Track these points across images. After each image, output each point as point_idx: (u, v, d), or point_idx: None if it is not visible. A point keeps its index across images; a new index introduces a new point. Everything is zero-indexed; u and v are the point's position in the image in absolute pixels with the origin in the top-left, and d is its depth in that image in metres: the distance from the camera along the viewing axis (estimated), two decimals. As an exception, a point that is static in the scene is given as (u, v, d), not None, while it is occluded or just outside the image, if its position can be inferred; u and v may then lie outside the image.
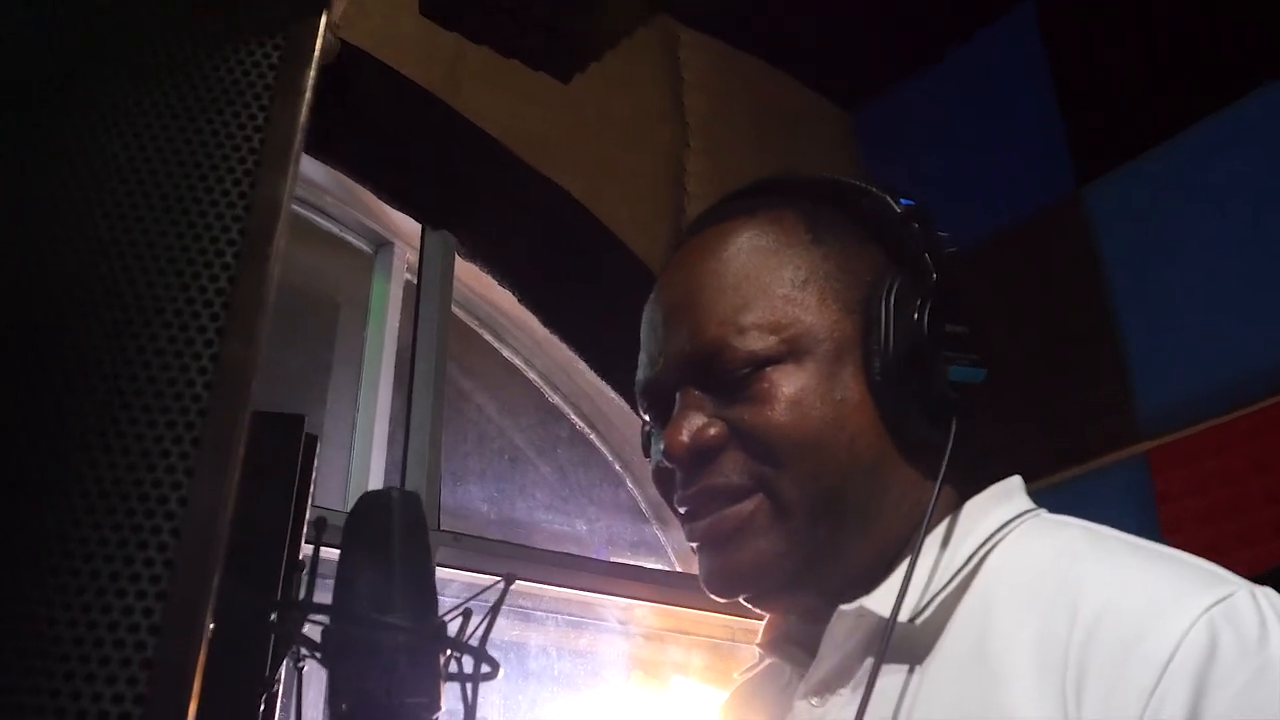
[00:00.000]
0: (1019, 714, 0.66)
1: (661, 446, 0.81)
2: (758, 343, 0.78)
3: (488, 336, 2.45)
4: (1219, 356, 2.15)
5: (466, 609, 0.67)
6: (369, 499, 0.64)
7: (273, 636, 0.62)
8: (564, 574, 2.20)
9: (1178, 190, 2.31)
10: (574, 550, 2.29)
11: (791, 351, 0.78)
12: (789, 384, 0.77)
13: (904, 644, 0.74)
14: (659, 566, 2.45)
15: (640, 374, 0.86)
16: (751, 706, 0.92)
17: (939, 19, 2.75)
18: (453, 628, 0.63)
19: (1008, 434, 2.00)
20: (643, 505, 2.50)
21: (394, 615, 0.59)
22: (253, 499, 0.85)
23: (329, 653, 0.59)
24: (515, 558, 2.11)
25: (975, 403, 0.78)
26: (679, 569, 2.46)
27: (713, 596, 0.82)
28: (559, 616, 2.28)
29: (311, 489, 0.93)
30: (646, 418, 0.87)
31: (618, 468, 2.51)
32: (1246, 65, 2.26)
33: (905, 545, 0.78)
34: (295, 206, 2.27)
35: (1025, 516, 0.79)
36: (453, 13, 2.18)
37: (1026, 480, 0.84)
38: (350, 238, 2.35)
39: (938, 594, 0.74)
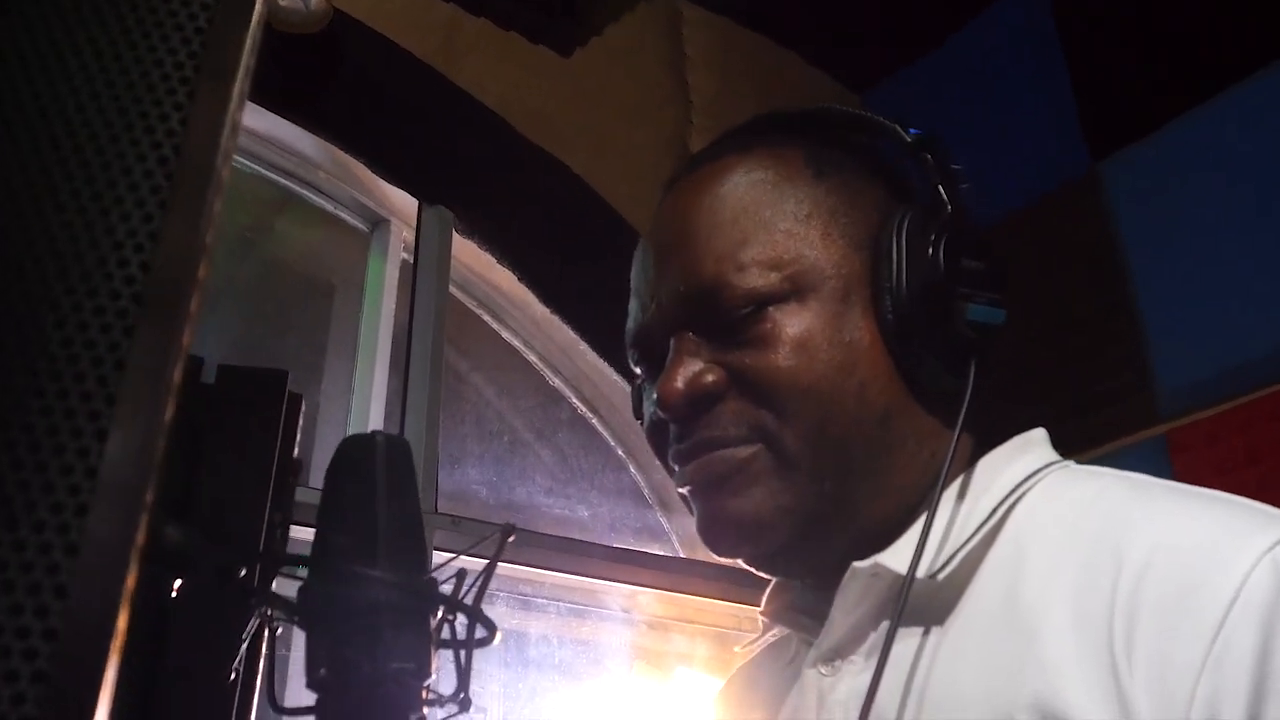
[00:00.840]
0: (1058, 672, 0.59)
1: (655, 397, 0.73)
2: (758, 280, 0.71)
3: (486, 318, 2.38)
4: (1239, 335, 2.09)
5: (461, 569, 0.60)
6: (351, 442, 0.57)
7: (246, 598, 0.56)
8: (565, 559, 2.13)
9: (1195, 166, 2.25)
10: (576, 536, 2.23)
11: (795, 289, 0.71)
12: (793, 324, 0.70)
13: (924, 603, 0.68)
14: (663, 553, 2.39)
15: (630, 322, 0.78)
16: (755, 686, 0.85)
17: (949, -5, 2.68)
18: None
19: (1024, 415, 1.94)
20: (646, 491, 2.44)
21: (378, 570, 0.53)
22: (231, 458, 0.79)
23: (305, 613, 0.53)
24: (516, 541, 2.03)
25: (994, 348, 0.71)
26: (683, 555, 2.40)
27: (711, 550, 0.74)
28: (560, 604, 2.22)
29: (296, 450, 0.86)
30: (637, 370, 0.80)
31: (620, 452, 2.44)
32: (1264, 38, 2.20)
33: (921, 500, 0.72)
34: (286, 182, 2.21)
35: (1053, 467, 0.73)
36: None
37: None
38: (345, 215, 2.29)
39: (960, 548, 0.67)
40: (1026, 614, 0.63)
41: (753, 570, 0.76)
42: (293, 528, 0.72)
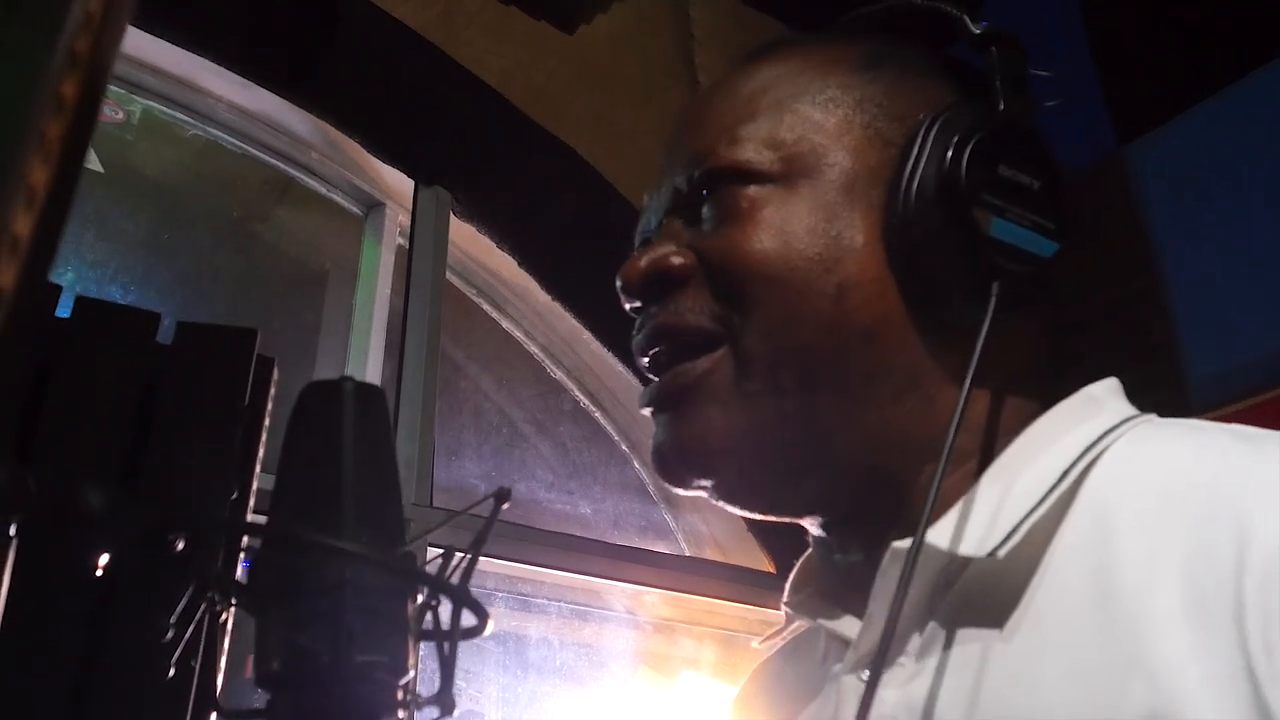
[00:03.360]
0: (1177, 679, 0.47)
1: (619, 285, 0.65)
2: (749, 154, 0.62)
3: (486, 306, 2.29)
4: (1274, 323, 2.00)
5: (448, 548, 0.50)
6: (313, 389, 0.47)
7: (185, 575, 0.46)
8: (566, 557, 2.03)
9: (1224, 150, 2.16)
10: (577, 532, 2.13)
11: (787, 173, 0.62)
12: (772, 207, 0.61)
13: (984, 589, 0.56)
14: (669, 551, 2.29)
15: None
16: (781, 691, 0.72)
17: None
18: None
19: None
20: (651, 486, 2.34)
21: (344, 540, 0.43)
22: (188, 422, 0.69)
23: (255, 593, 0.43)
24: (514, 538, 1.94)
25: (1038, 282, 0.60)
26: (690, 554, 2.30)
27: (665, 483, 0.65)
28: (561, 604, 2.11)
29: (267, 419, 0.77)
30: None
31: (624, 446, 2.35)
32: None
33: (926, 453, 0.60)
34: (278, 163, 2.11)
35: (1133, 421, 0.59)
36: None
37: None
38: (338, 198, 2.19)
39: (1025, 519, 0.55)
40: (1123, 602, 0.50)
41: (723, 506, 0.65)
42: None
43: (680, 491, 0.66)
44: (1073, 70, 2.42)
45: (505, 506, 0.47)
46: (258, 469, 0.69)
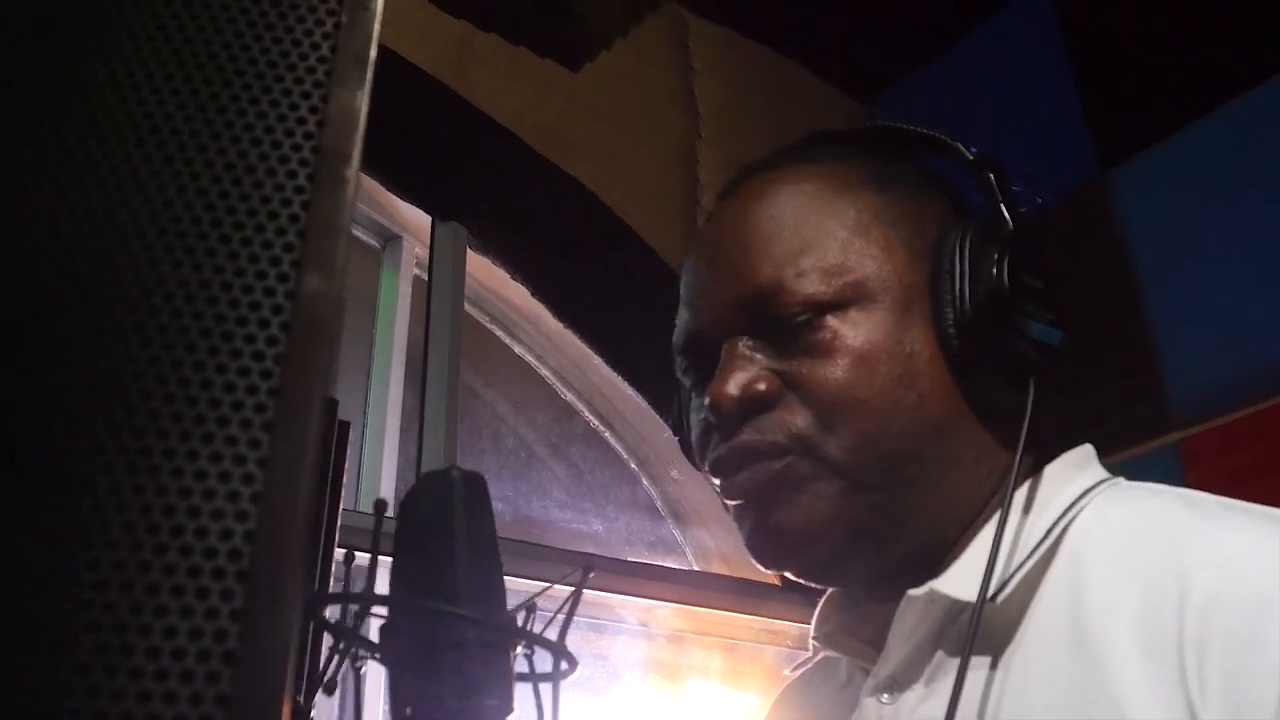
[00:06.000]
0: (1129, 702, 0.58)
1: (706, 401, 0.72)
2: (818, 286, 0.70)
3: (499, 333, 2.38)
4: (1250, 343, 2.10)
5: (531, 603, 0.60)
6: (428, 479, 0.57)
7: (325, 634, 0.56)
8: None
9: (1205, 174, 2.25)
10: (591, 550, 2.23)
11: (855, 298, 0.71)
12: (853, 334, 0.70)
13: (983, 627, 0.66)
14: (677, 566, 2.38)
15: (680, 329, 0.77)
16: (806, 706, 0.85)
17: (953, 5, 2.70)
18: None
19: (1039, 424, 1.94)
20: (660, 504, 2.44)
21: (461, 606, 0.53)
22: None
23: (389, 650, 0.53)
24: (532, 557, 2.04)
25: (1052, 368, 0.71)
26: (698, 568, 2.40)
27: (759, 564, 0.74)
28: (577, 618, 2.21)
29: (344, 478, 0.86)
30: (684, 379, 0.79)
31: (634, 465, 2.44)
32: (1274, 46, 2.21)
33: (972, 519, 0.71)
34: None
35: (1104, 485, 0.72)
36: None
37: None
38: (357, 232, 2.28)
39: (1018, 569, 0.66)
40: (1092, 640, 0.62)
41: (801, 582, 0.75)
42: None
43: (772, 571, 0.76)
44: (1056, 97, 2.52)
45: (591, 576, 0.58)
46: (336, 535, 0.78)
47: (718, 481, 0.74)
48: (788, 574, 0.75)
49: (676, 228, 2.43)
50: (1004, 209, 0.72)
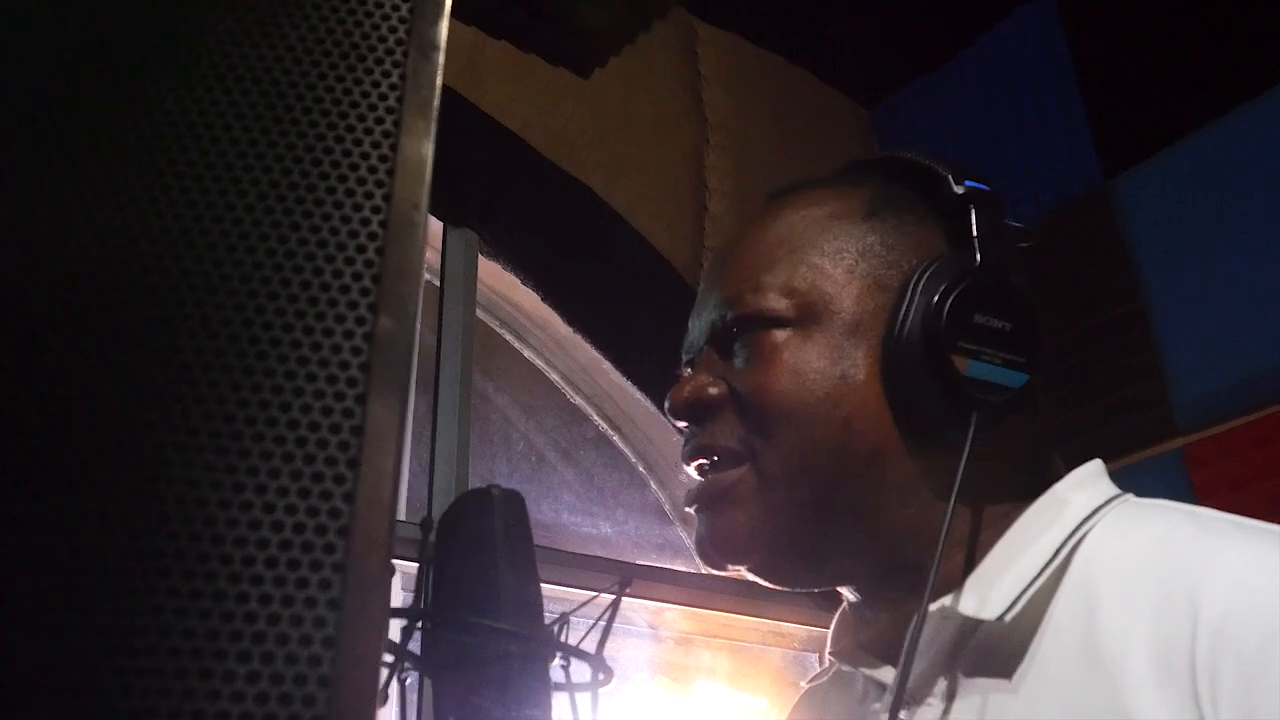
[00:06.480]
0: None
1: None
2: (769, 302, 0.74)
3: (509, 337, 2.40)
4: (1253, 350, 2.12)
5: (564, 614, 0.63)
6: (468, 498, 0.60)
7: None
8: (591, 577, 2.15)
9: (1207, 182, 2.28)
10: (600, 553, 2.25)
11: (801, 318, 0.74)
12: (790, 350, 0.73)
13: (993, 646, 0.68)
14: (686, 568, 2.41)
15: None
16: (823, 716, 0.88)
17: (958, 13, 2.72)
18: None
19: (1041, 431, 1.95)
20: (667, 507, 2.46)
21: (503, 621, 0.55)
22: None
23: (434, 664, 0.55)
24: (542, 560, 2.05)
25: (1013, 405, 0.71)
26: (705, 571, 2.42)
27: (706, 567, 0.79)
28: (585, 620, 2.23)
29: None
30: None
31: (642, 469, 2.47)
32: (1275, 55, 2.23)
33: (929, 541, 0.71)
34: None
35: (1114, 502, 0.72)
36: (471, 5, 2.14)
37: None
38: (368, 237, 2.30)
39: (1026, 588, 0.67)
40: (1105, 663, 0.63)
41: (760, 581, 0.79)
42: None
43: (718, 572, 0.80)
44: (1060, 104, 2.54)
45: (629, 588, 0.60)
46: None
47: (687, 474, 0.80)
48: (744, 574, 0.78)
49: (685, 233, 2.45)
50: (976, 244, 0.72)
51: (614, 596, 0.60)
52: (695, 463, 0.78)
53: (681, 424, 0.79)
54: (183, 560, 0.31)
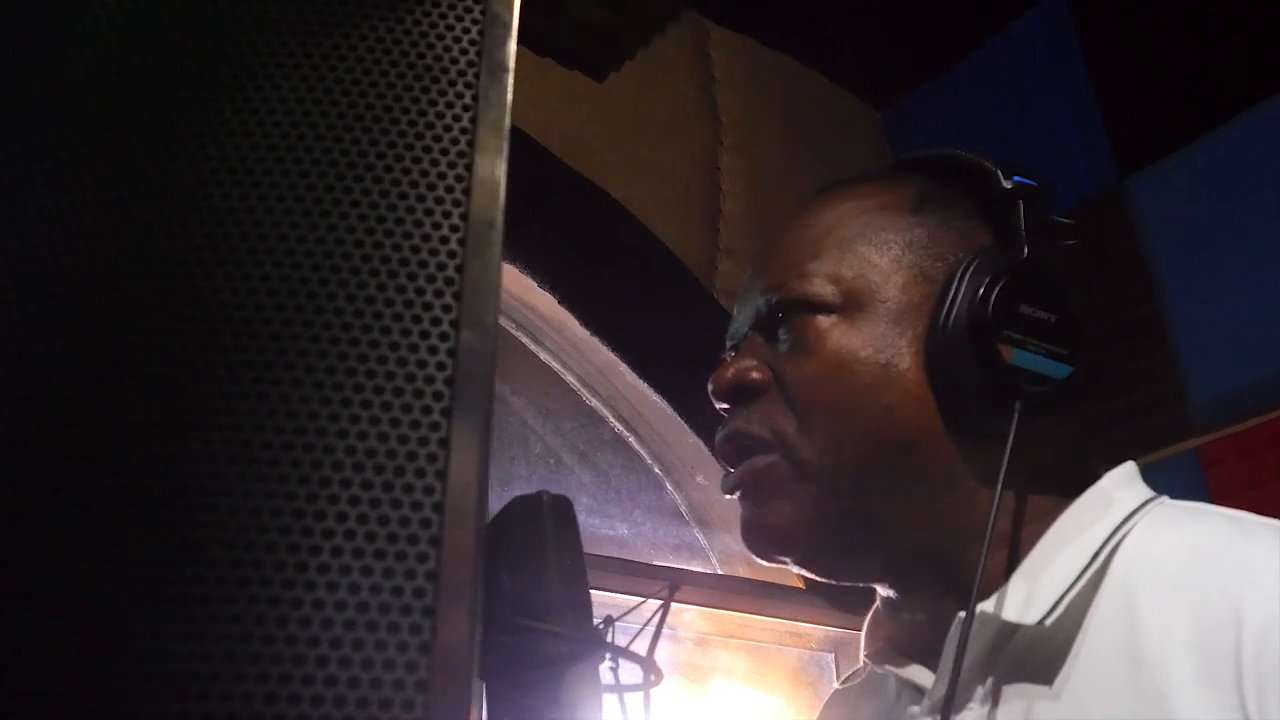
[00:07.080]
0: None
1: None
2: (815, 287, 0.75)
3: (525, 340, 2.42)
4: (1271, 349, 2.13)
5: (609, 617, 0.64)
6: (518, 503, 0.61)
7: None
8: (609, 578, 2.16)
9: (1223, 182, 2.28)
10: (617, 554, 2.26)
11: (847, 305, 0.74)
12: (834, 337, 0.73)
13: (1033, 651, 0.68)
14: (702, 569, 2.42)
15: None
16: (853, 718, 0.87)
17: (970, 15, 2.72)
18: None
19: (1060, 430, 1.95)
20: (684, 508, 2.47)
21: (554, 624, 0.56)
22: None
23: (485, 668, 0.56)
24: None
25: (1055, 398, 0.71)
26: (722, 572, 2.43)
27: (752, 556, 0.78)
28: (626, 625, 2.24)
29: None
30: None
31: (658, 470, 2.48)
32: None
33: (970, 535, 0.71)
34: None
35: (1150, 504, 0.72)
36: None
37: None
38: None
39: (1066, 592, 0.67)
40: (1148, 665, 0.63)
41: (802, 573, 0.79)
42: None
43: (765, 563, 0.79)
44: (1074, 105, 2.55)
45: (678, 592, 0.61)
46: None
47: (721, 459, 0.79)
48: (789, 566, 0.78)
49: (699, 233, 2.47)
50: (1025, 238, 0.74)
51: (665, 600, 0.61)
52: (729, 447, 0.77)
53: (723, 406, 0.79)
54: (283, 570, 0.33)
